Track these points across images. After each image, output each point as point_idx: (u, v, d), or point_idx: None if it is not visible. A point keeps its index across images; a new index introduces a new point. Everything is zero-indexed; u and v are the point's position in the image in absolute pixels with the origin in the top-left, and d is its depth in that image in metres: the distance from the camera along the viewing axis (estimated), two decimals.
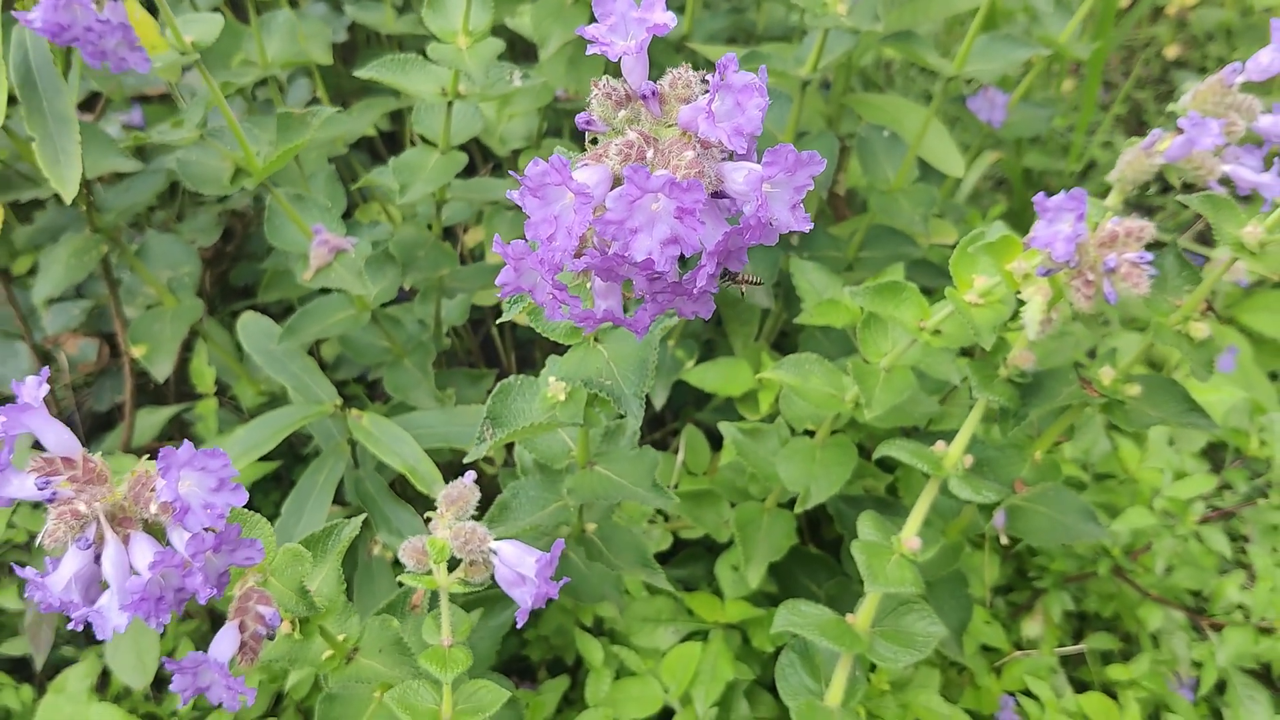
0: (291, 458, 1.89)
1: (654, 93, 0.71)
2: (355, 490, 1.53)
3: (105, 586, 0.82)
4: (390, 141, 2.35)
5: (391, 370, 1.56)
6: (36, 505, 1.61)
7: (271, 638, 0.93)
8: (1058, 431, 1.26)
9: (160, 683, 1.70)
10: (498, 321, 0.95)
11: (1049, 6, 1.29)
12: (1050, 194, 0.96)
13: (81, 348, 1.91)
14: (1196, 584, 1.61)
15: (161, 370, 1.56)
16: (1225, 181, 1.10)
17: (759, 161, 0.71)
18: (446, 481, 1.46)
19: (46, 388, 0.80)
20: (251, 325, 1.49)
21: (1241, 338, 2.20)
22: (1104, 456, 1.79)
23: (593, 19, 1.39)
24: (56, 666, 1.72)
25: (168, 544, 0.81)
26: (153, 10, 1.21)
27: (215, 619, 1.77)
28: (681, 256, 0.71)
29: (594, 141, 0.75)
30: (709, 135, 0.69)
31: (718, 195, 0.73)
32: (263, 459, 1.53)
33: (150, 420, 1.79)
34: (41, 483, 0.79)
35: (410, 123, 2.08)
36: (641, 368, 0.99)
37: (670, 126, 0.72)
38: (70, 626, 0.80)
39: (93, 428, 1.92)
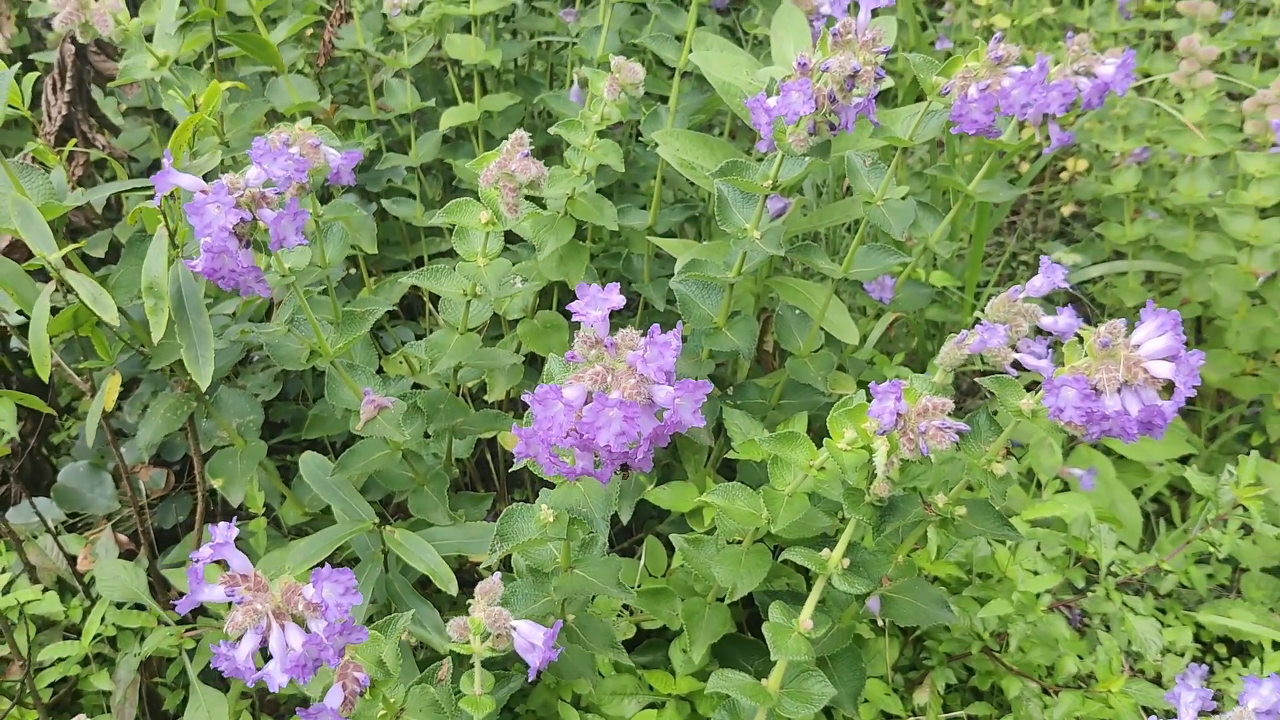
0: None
1: (612, 344, 1.19)
2: (385, 589, 1.96)
3: (265, 657, 1.24)
4: (404, 301, 2.83)
5: (415, 495, 1.99)
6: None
7: (363, 695, 1.36)
8: (913, 540, 1.71)
9: None
10: (510, 469, 1.38)
11: (899, 234, 1.77)
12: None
13: (153, 476, 2.34)
14: (1047, 660, 2.04)
15: (235, 498, 1.99)
16: (1017, 365, 1.58)
17: (674, 383, 1.18)
18: (459, 578, 1.89)
19: (235, 531, 1.24)
20: (310, 460, 1.93)
21: (1106, 460, 2.67)
22: (983, 559, 2.23)
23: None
24: None
25: (308, 630, 1.24)
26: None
27: (260, 698, 2.17)
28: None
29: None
30: (645, 372, 1.16)
31: (650, 403, 1.19)
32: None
33: None
34: (229, 591, 1.23)
35: (425, 293, 2.57)
36: (607, 500, 1.46)
37: (621, 362, 1.19)
38: (249, 684, 1.22)
39: (160, 541, 2.33)
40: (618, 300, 1.23)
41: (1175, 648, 2.33)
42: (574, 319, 1.23)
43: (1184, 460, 2.83)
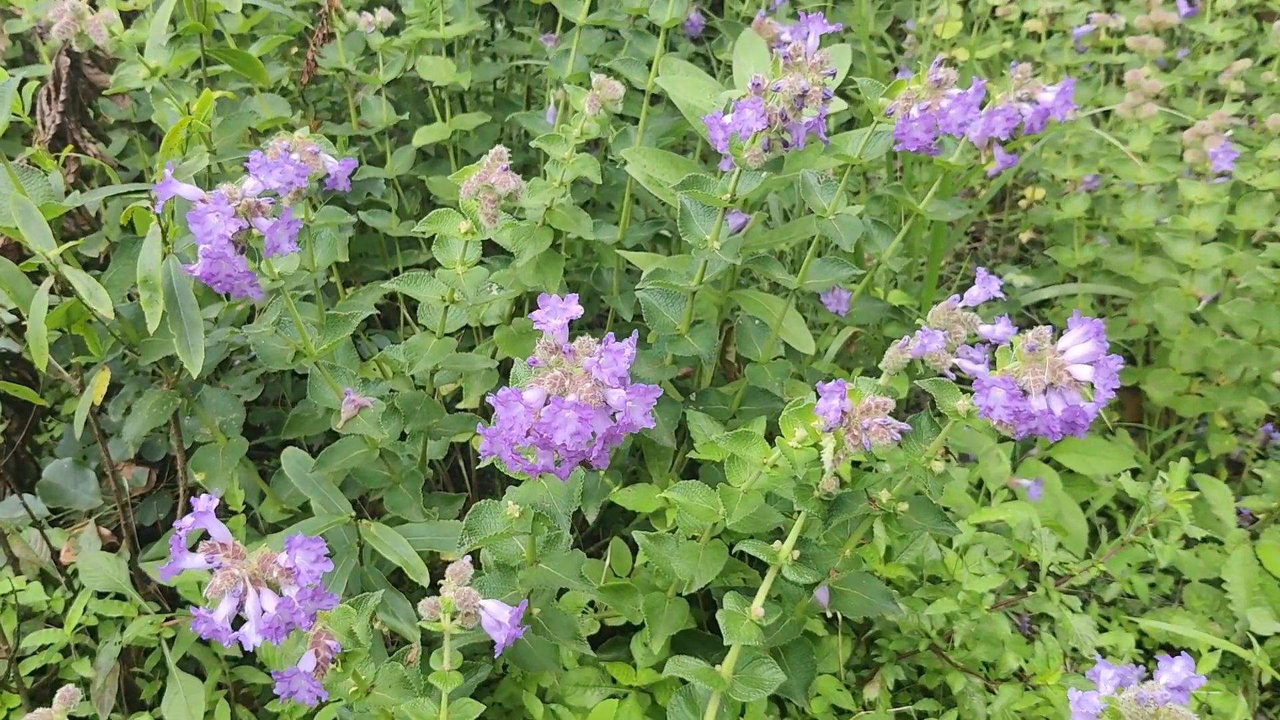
0: None
1: (570, 350, 1.29)
2: (360, 582, 2.04)
3: (240, 621, 1.33)
4: (380, 308, 2.92)
5: (390, 493, 2.08)
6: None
7: (334, 662, 1.44)
8: (860, 535, 1.82)
9: None
10: (478, 467, 1.48)
11: (849, 246, 1.88)
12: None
13: (135, 474, 2.42)
14: (991, 657, 2.15)
15: (217, 491, 2.07)
16: (956, 369, 1.69)
17: (627, 388, 1.29)
18: (431, 574, 1.98)
19: (216, 501, 1.33)
20: (291, 456, 2.02)
21: (1054, 473, 2.78)
22: (933, 562, 2.34)
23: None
24: None
25: (282, 595, 1.32)
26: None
27: (235, 689, 2.25)
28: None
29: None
30: (599, 377, 1.27)
31: (604, 405, 1.29)
32: None
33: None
34: (210, 558, 1.31)
35: (401, 304, 2.67)
36: (569, 496, 1.56)
37: (578, 367, 1.29)
38: (225, 645, 1.30)
39: (141, 538, 2.40)
40: (576, 310, 1.34)
41: (1117, 652, 2.43)
42: (535, 327, 1.34)
43: (1132, 475, 2.95)
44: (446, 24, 2.70)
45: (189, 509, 2.31)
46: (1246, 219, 2.72)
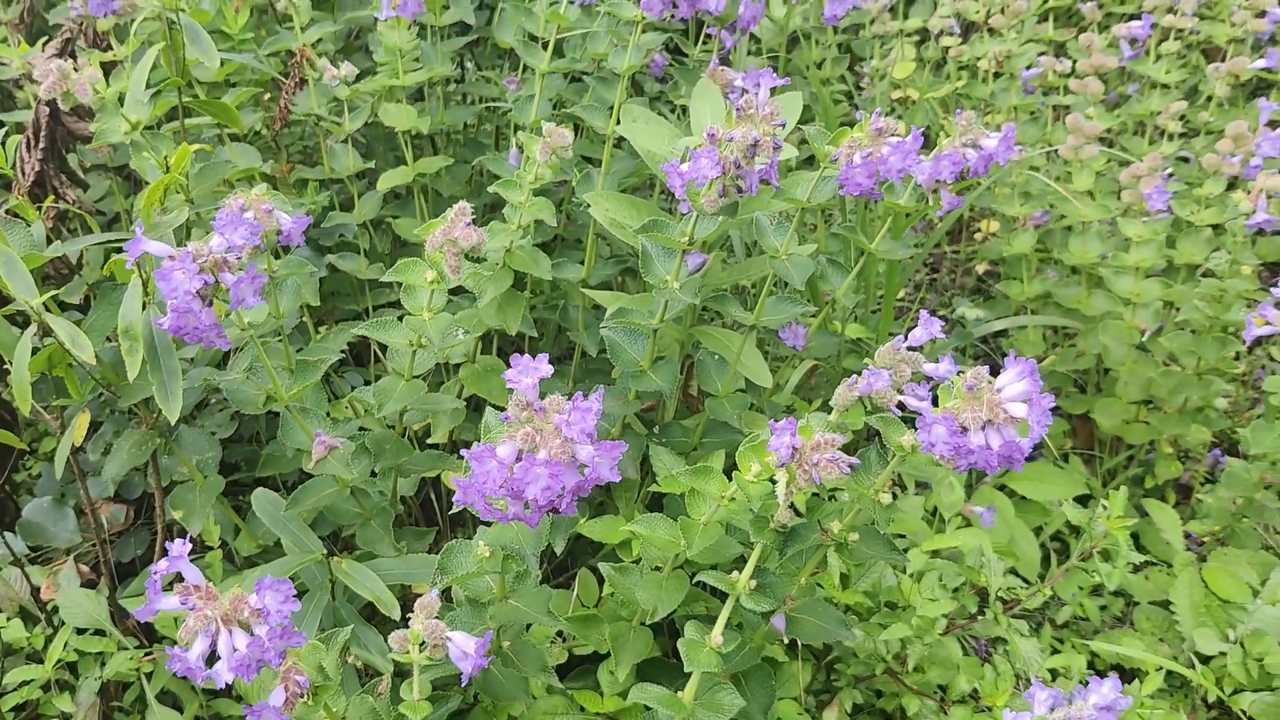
0: None
1: (541, 408, 1.37)
2: (333, 617, 2.10)
3: (214, 658, 1.39)
4: (351, 345, 2.99)
5: (362, 529, 2.15)
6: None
7: (302, 697, 1.50)
8: (814, 564, 1.90)
9: None
10: (450, 513, 1.56)
11: (800, 285, 1.98)
12: None
13: (113, 512, 2.47)
14: (944, 679, 2.23)
15: (194, 528, 2.13)
16: (902, 406, 1.78)
17: (595, 443, 1.38)
18: (402, 607, 2.04)
19: (189, 546, 1.40)
20: (262, 496, 2.08)
21: (1007, 500, 2.88)
22: (889, 589, 2.42)
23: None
24: None
25: (253, 634, 1.39)
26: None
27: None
28: None
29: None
30: (569, 434, 1.35)
31: (573, 460, 1.37)
32: None
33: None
34: (184, 600, 1.38)
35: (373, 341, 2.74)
36: (538, 538, 1.65)
37: (549, 424, 1.37)
38: (198, 683, 1.37)
39: (119, 574, 2.45)
40: (546, 370, 1.41)
41: (1069, 673, 2.52)
42: (509, 387, 1.41)
43: (1082, 500, 3.05)
44: (414, 70, 2.79)
45: (167, 546, 2.39)
46: (1186, 253, 2.84)
